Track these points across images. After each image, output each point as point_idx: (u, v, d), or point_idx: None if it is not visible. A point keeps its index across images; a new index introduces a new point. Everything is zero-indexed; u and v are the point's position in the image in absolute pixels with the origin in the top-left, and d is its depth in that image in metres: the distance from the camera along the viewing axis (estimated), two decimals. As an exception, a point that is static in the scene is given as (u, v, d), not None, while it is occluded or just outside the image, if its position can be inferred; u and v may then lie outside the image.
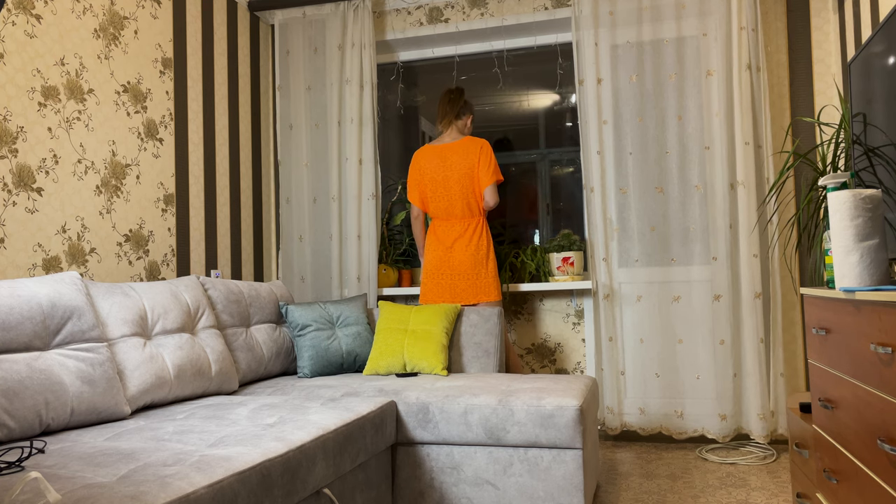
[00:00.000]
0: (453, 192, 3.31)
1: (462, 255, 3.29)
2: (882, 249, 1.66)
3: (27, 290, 1.98)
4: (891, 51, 1.98)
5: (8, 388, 1.78)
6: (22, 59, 2.45)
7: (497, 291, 3.31)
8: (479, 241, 3.30)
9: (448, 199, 3.33)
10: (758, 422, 3.24)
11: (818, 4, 3.43)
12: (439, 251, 3.32)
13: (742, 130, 3.30)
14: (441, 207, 3.35)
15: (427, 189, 3.39)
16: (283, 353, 3.06)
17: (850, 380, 1.71)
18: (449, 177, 3.32)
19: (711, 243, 3.38)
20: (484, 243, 3.31)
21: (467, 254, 3.28)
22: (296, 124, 3.95)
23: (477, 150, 3.31)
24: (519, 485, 2.31)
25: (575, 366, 3.69)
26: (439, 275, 3.31)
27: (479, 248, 3.29)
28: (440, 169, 3.34)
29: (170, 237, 3.19)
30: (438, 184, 3.35)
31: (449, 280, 3.29)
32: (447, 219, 3.34)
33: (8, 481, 1.38)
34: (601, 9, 3.53)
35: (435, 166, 3.36)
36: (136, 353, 2.25)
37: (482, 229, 3.33)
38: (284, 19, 3.98)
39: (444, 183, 3.33)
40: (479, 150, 3.31)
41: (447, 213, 3.34)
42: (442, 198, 3.34)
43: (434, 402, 2.41)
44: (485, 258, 3.30)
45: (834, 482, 1.85)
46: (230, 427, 1.90)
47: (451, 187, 3.32)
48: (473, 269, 3.28)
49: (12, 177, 2.40)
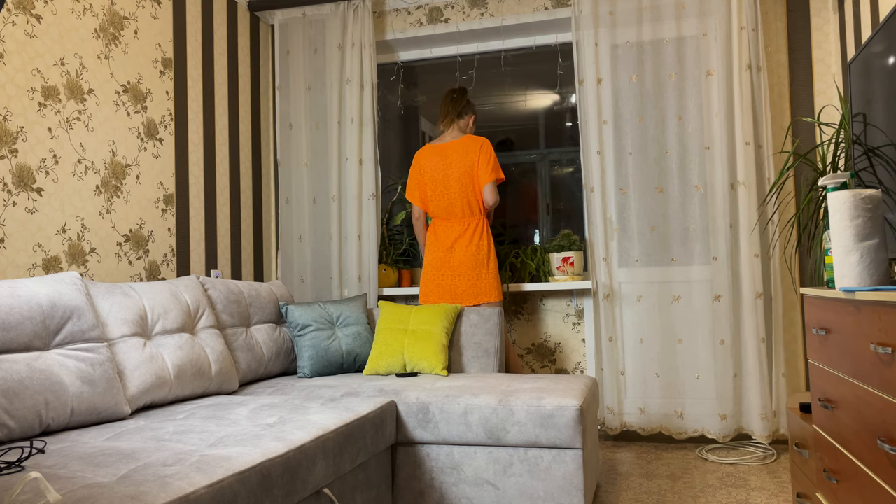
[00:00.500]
0: (453, 191, 3.30)
1: (462, 255, 3.27)
2: (882, 249, 1.66)
3: (27, 290, 1.98)
4: (891, 51, 1.98)
5: (8, 388, 1.78)
6: (22, 59, 2.46)
7: (497, 292, 3.30)
8: (479, 241, 3.28)
9: (448, 198, 3.32)
10: (760, 422, 3.24)
11: (818, 4, 3.43)
12: (439, 251, 3.31)
13: (742, 130, 3.30)
14: (441, 207, 3.34)
15: (427, 188, 3.38)
16: (283, 353, 3.06)
17: (850, 380, 1.70)
18: (449, 175, 3.31)
19: (711, 243, 3.38)
20: (485, 243, 3.29)
21: (467, 254, 3.27)
22: (296, 124, 3.96)
23: (477, 149, 3.29)
24: (519, 485, 2.31)
25: (575, 366, 3.69)
26: (439, 276, 3.30)
27: (479, 248, 3.28)
28: (440, 168, 3.33)
29: (170, 237, 3.19)
30: (438, 183, 3.34)
31: (449, 281, 3.27)
32: (447, 218, 3.33)
33: (8, 481, 1.38)
34: (601, 9, 3.53)
35: (435, 165, 3.35)
36: (136, 353, 2.25)
37: (483, 229, 3.31)
38: (284, 19, 3.98)
39: (443, 182, 3.32)
40: (478, 148, 3.29)
41: (447, 212, 3.33)
42: (442, 197, 3.33)
43: (434, 402, 2.41)
44: (485, 258, 3.28)
45: (834, 482, 1.85)
46: (230, 427, 1.90)
47: (451, 186, 3.30)
48: (474, 270, 3.26)
49: (12, 177, 2.40)
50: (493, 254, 3.31)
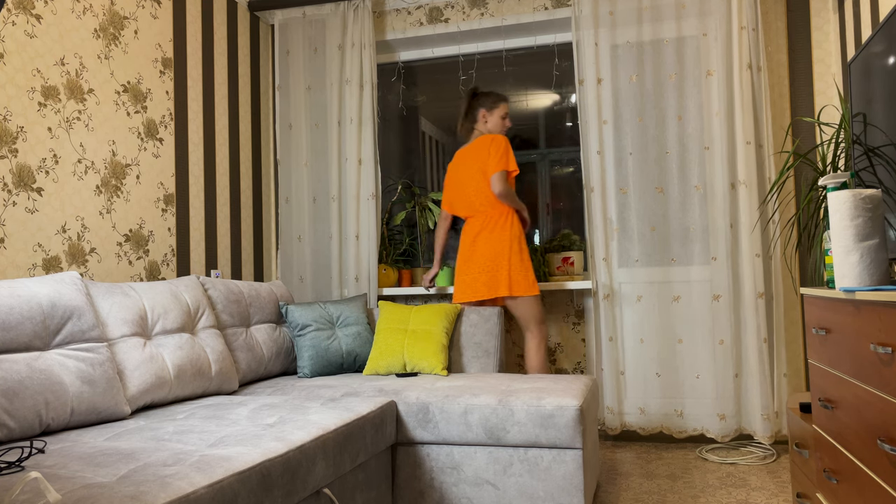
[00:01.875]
0: (469, 190, 3.27)
1: (483, 248, 3.20)
2: (882, 249, 1.66)
3: (27, 290, 1.98)
4: (891, 51, 1.98)
5: (8, 388, 1.78)
6: (22, 59, 2.45)
7: (520, 286, 3.14)
8: (500, 233, 3.19)
9: (467, 197, 3.29)
10: (762, 422, 3.24)
11: (818, 4, 3.43)
12: (465, 247, 3.27)
13: (742, 130, 3.30)
14: (464, 206, 3.31)
15: (451, 191, 3.37)
16: (283, 353, 3.06)
17: (850, 380, 1.70)
18: (464, 175, 3.30)
19: (711, 243, 3.38)
20: (506, 236, 3.17)
21: (487, 247, 3.19)
22: (295, 124, 3.95)
23: (487, 144, 3.23)
24: (519, 485, 2.31)
25: (575, 366, 3.69)
26: (465, 270, 3.24)
27: (500, 240, 3.18)
28: (459, 170, 3.33)
29: (170, 237, 3.19)
30: (457, 184, 3.33)
31: (472, 276, 3.21)
32: (472, 216, 3.28)
33: (8, 481, 1.38)
34: (601, 9, 3.53)
35: (455, 168, 3.36)
36: (136, 353, 2.25)
37: (504, 223, 3.19)
38: (284, 19, 3.98)
39: (461, 182, 3.31)
40: (489, 143, 3.23)
41: (470, 210, 3.28)
42: (462, 197, 3.31)
43: (434, 402, 2.41)
44: (506, 251, 3.16)
45: (834, 482, 1.85)
46: (230, 427, 1.89)
47: (467, 185, 3.28)
48: (493, 262, 3.16)
49: (12, 177, 2.40)
50: (516, 246, 3.16)
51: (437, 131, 4.17)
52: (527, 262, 3.19)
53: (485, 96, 3.36)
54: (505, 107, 3.35)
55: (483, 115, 3.34)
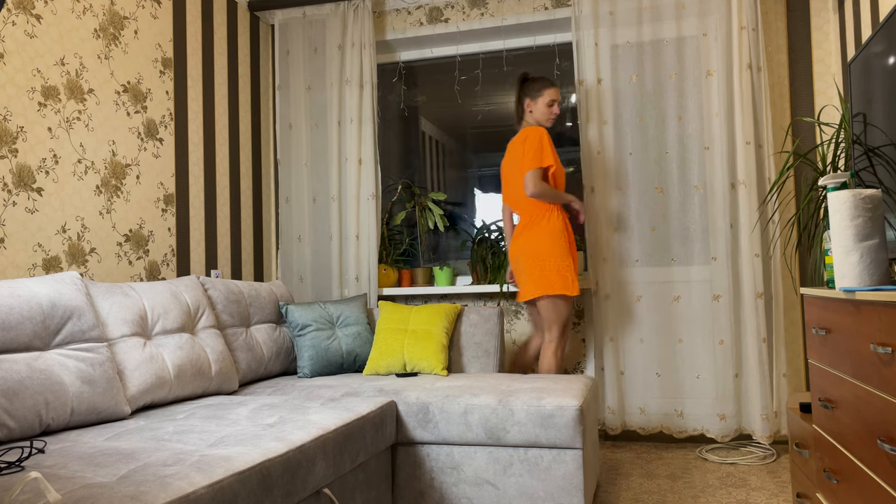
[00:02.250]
0: (509, 185, 3.21)
1: (516, 246, 3.13)
2: (882, 249, 1.66)
3: (27, 290, 1.98)
4: (891, 51, 1.98)
5: (8, 388, 1.78)
6: (22, 59, 2.45)
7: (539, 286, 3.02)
8: (537, 231, 3.06)
9: (507, 192, 3.24)
10: (761, 422, 3.24)
11: (818, 4, 3.43)
12: (510, 244, 3.21)
13: (742, 130, 3.30)
14: (511, 202, 3.22)
15: (503, 185, 3.28)
16: (283, 353, 3.06)
17: (850, 380, 1.70)
18: (507, 171, 3.23)
19: (711, 243, 3.38)
20: (543, 235, 3.04)
21: (518, 245, 3.12)
22: (295, 124, 3.96)
23: (523, 139, 3.11)
24: (519, 485, 2.31)
25: (575, 366, 3.69)
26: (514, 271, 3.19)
27: (535, 239, 3.05)
28: (506, 164, 3.25)
29: (170, 237, 3.19)
30: (505, 179, 3.25)
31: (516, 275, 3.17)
32: (518, 211, 3.20)
33: (8, 481, 1.38)
34: (601, 9, 3.53)
35: (505, 161, 3.27)
36: (136, 353, 2.25)
37: (541, 220, 3.07)
38: (284, 19, 3.98)
39: (506, 178, 3.25)
40: (524, 138, 3.10)
41: (517, 206, 3.20)
42: (508, 192, 3.24)
43: (434, 402, 2.41)
44: (534, 251, 3.04)
45: (834, 482, 1.85)
46: (230, 427, 1.89)
47: (508, 179, 3.22)
48: (526, 262, 3.08)
49: (12, 177, 2.40)
50: (551, 248, 3.03)
51: (438, 131, 4.17)
52: (558, 260, 3.02)
53: (531, 83, 3.20)
54: (551, 93, 3.17)
55: (528, 104, 3.21)
